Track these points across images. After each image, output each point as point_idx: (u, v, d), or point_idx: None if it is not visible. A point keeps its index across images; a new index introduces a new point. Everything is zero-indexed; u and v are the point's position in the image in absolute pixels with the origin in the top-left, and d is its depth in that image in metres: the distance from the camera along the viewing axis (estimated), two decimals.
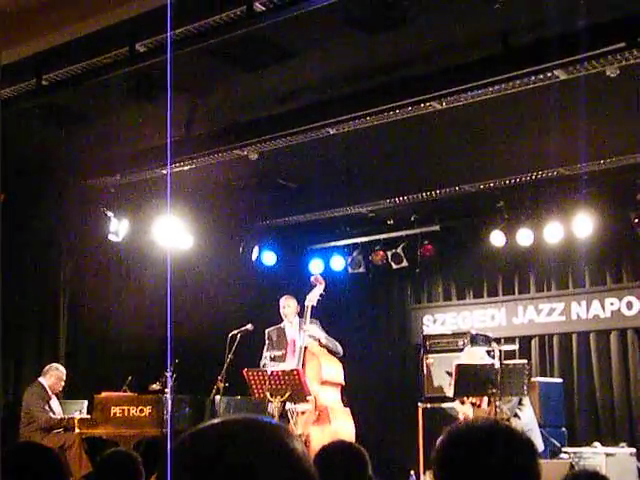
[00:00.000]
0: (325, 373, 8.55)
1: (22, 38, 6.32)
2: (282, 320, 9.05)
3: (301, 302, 8.96)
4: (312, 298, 8.89)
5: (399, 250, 11.44)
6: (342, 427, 8.41)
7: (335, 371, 8.72)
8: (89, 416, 8.84)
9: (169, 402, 8.21)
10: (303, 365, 8.47)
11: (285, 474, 1.16)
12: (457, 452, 2.00)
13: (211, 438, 1.19)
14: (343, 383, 8.81)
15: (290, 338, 8.88)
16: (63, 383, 9.11)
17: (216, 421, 1.23)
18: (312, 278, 9.21)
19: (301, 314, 8.91)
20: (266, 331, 8.99)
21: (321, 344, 8.80)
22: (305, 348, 8.66)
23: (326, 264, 12.22)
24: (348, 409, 8.77)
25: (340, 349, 8.92)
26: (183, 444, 1.20)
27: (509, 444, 2.00)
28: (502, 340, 10.49)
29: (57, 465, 2.88)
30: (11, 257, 8.79)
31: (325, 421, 8.35)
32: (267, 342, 8.93)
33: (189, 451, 1.18)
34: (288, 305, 9.01)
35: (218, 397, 8.40)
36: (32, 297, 9.90)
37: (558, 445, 8.45)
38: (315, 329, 8.83)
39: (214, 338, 9.55)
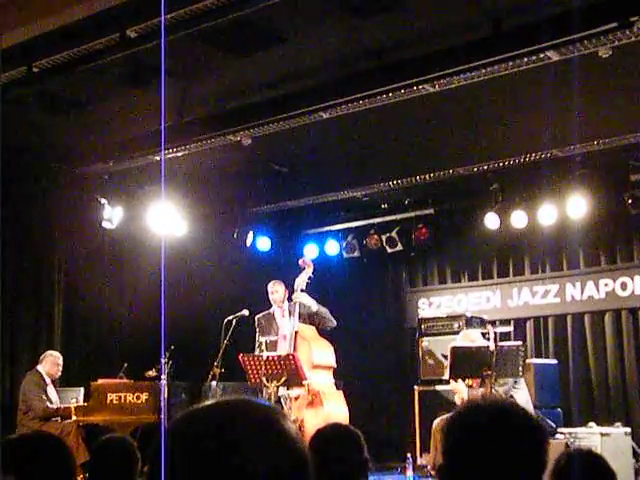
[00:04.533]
0: (316, 357, 8.54)
1: (12, 25, 6.28)
2: (272, 306, 9.00)
3: (291, 286, 8.92)
4: (301, 281, 8.84)
5: (394, 234, 11.45)
6: (335, 410, 8.41)
7: (326, 354, 8.71)
8: (85, 403, 8.86)
9: (165, 388, 8.21)
10: (294, 350, 8.45)
11: (279, 455, 1.16)
12: (469, 432, 2.00)
13: (204, 419, 1.19)
14: (335, 366, 8.80)
15: (280, 323, 8.85)
16: (60, 368, 9.10)
17: (209, 403, 1.23)
18: (300, 261, 9.12)
19: (290, 298, 8.87)
20: (256, 317, 8.94)
21: (312, 312, 8.73)
22: (296, 333, 8.64)
23: (321, 249, 12.23)
24: (341, 392, 8.77)
25: (333, 318, 8.86)
26: (174, 427, 1.20)
27: (521, 427, 2.00)
28: (497, 322, 10.54)
29: (67, 455, 2.88)
30: (5, 245, 8.78)
31: (318, 404, 8.35)
32: (257, 328, 8.90)
33: (180, 435, 1.18)
34: (276, 291, 8.92)
35: (214, 383, 8.40)
36: (27, 285, 9.89)
37: (553, 425, 8.49)
38: (306, 297, 8.75)
39: (210, 324, 9.56)
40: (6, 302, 9.15)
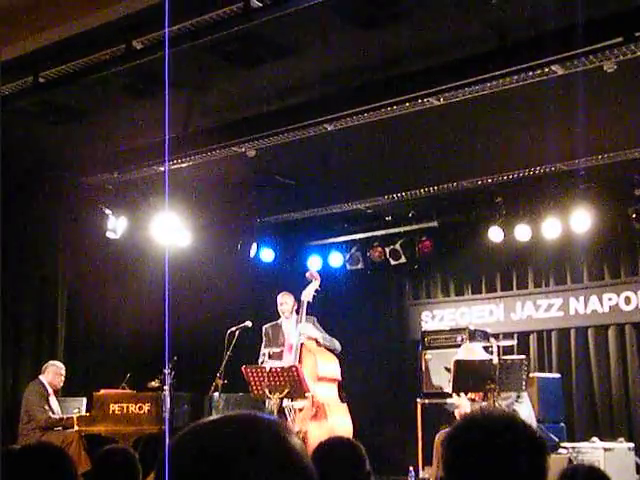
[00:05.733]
0: (321, 369, 8.55)
1: (19, 36, 6.31)
2: (280, 317, 9.05)
3: (297, 298, 8.95)
4: (307, 294, 8.87)
5: (397, 246, 11.44)
6: (339, 423, 8.41)
7: (331, 367, 8.72)
8: (88, 413, 8.85)
9: (167, 399, 8.20)
10: (299, 362, 8.47)
11: (284, 470, 1.16)
12: (468, 445, 1.99)
13: (209, 435, 1.19)
14: (340, 379, 8.80)
15: (287, 335, 8.87)
16: (63, 377, 9.11)
17: (214, 418, 1.23)
18: (307, 274, 9.18)
19: (298, 311, 8.90)
20: (263, 327, 9.00)
21: (319, 344, 8.79)
22: (301, 345, 8.66)
23: (324, 260, 12.22)
24: (345, 405, 8.77)
25: (338, 346, 8.92)
26: (180, 441, 1.20)
27: (521, 438, 1.99)
28: (500, 336, 10.46)
29: (69, 466, 2.88)
30: (8, 254, 8.78)
31: (322, 417, 8.35)
32: (264, 339, 8.93)
33: (187, 448, 1.17)
34: (285, 302, 8.99)
35: (217, 394, 8.40)
36: (30, 295, 9.89)
37: (556, 440, 8.46)
38: (311, 329, 8.79)
39: (213, 335, 9.55)
40: (9, 311, 9.15)
